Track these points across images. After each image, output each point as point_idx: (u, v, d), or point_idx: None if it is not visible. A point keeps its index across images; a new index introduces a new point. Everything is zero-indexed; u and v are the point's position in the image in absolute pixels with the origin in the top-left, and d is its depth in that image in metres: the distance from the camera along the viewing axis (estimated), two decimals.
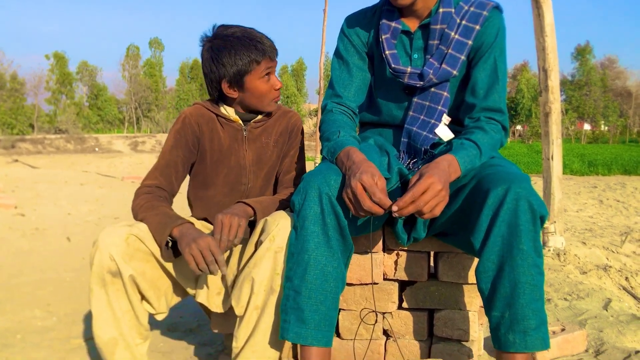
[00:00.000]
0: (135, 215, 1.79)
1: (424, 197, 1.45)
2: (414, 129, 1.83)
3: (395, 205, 1.46)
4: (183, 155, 1.92)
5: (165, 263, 1.75)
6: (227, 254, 1.91)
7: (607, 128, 57.84)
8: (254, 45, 1.82)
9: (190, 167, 1.99)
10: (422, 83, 1.78)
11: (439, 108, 1.81)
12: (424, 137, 1.80)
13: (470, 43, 1.76)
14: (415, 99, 1.85)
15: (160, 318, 1.81)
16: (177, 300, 1.88)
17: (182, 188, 1.95)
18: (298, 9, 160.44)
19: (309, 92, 69.40)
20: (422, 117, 1.84)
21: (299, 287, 1.56)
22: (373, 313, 1.83)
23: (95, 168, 17.33)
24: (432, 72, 1.76)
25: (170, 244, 1.70)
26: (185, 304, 3.03)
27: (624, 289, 3.60)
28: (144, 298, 1.74)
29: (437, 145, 1.83)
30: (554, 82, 4.43)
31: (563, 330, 2.15)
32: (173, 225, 1.66)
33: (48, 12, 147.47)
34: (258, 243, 1.69)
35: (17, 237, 5.42)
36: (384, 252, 1.87)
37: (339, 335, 1.90)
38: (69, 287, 3.59)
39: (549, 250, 4.34)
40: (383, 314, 1.87)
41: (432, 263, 1.94)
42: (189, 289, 1.86)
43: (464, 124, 1.80)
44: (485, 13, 1.75)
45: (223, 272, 1.60)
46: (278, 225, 1.65)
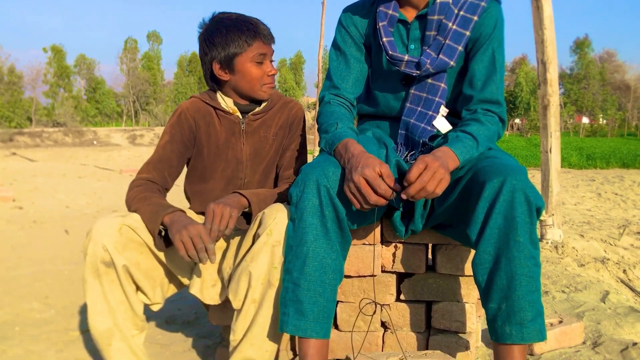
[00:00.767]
0: (129, 207, 1.79)
1: (424, 176, 1.45)
2: (412, 121, 1.83)
3: (404, 194, 1.47)
4: (178, 150, 1.91)
5: (160, 253, 1.75)
6: (224, 247, 1.90)
7: (605, 121, 57.81)
8: (246, 27, 1.82)
9: (187, 161, 1.98)
10: (418, 72, 1.77)
11: (436, 99, 1.80)
12: (422, 129, 1.80)
13: (468, 34, 1.75)
14: (412, 90, 1.84)
15: (156, 309, 1.81)
16: (172, 291, 1.88)
17: (180, 181, 1.94)
18: (297, 2, 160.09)
19: (308, 85, 69.33)
20: (419, 108, 1.83)
21: (298, 279, 1.56)
22: (372, 304, 1.83)
23: (94, 161, 17.30)
24: (429, 61, 1.75)
25: (163, 233, 1.70)
26: (183, 296, 3.03)
27: (622, 282, 3.61)
28: (139, 288, 1.74)
29: (435, 138, 1.83)
30: (553, 75, 4.42)
31: (561, 323, 2.16)
32: (164, 214, 1.66)
33: (46, 5, 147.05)
34: (255, 236, 1.68)
35: (15, 230, 5.41)
36: (382, 244, 1.87)
37: (337, 327, 1.90)
38: (67, 279, 3.59)
39: (547, 243, 4.34)
40: (381, 306, 1.87)
41: (430, 255, 1.94)
42: (184, 280, 1.86)
43: (461, 116, 1.79)
44: (484, 4, 1.74)
45: (212, 260, 1.60)
46: (275, 219, 1.64)
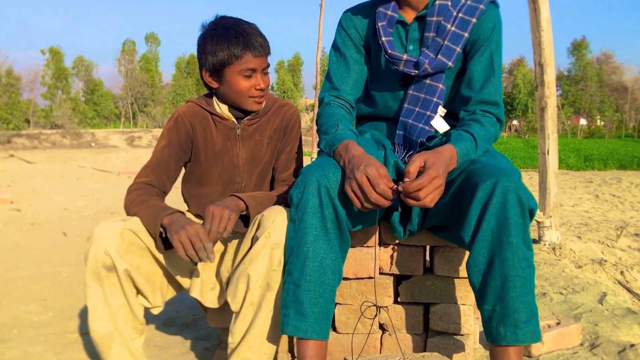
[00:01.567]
0: (128, 212, 1.79)
1: (428, 188, 1.46)
2: (410, 122, 1.84)
3: (401, 187, 1.47)
4: (175, 154, 1.92)
5: (160, 256, 1.75)
6: (222, 250, 1.90)
7: (603, 123, 57.88)
8: (237, 39, 1.78)
9: (185, 165, 1.98)
10: (417, 72, 1.78)
11: (435, 100, 1.82)
12: (420, 129, 1.81)
13: (467, 35, 1.76)
14: (411, 91, 1.85)
15: (156, 312, 1.81)
16: (172, 294, 1.88)
17: (178, 184, 1.94)
18: (295, 3, 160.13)
19: (306, 87, 69.35)
20: (417, 109, 1.84)
21: (299, 280, 1.56)
22: (373, 307, 1.83)
23: (92, 163, 17.28)
24: (427, 61, 1.77)
25: (164, 235, 1.70)
26: (182, 299, 3.03)
27: (619, 283, 3.61)
28: (139, 292, 1.74)
29: (432, 138, 1.84)
30: (550, 77, 4.43)
31: (558, 324, 2.16)
32: (163, 215, 1.66)
33: (44, 7, 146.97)
34: (254, 239, 1.68)
35: (13, 231, 5.41)
36: (380, 246, 1.87)
37: (335, 330, 1.90)
38: (65, 281, 3.59)
39: (545, 245, 4.35)
40: (379, 308, 1.87)
41: (427, 257, 1.94)
42: (184, 283, 1.86)
43: (460, 117, 1.80)
44: (482, 7, 1.76)
45: (211, 259, 1.60)
46: (274, 222, 1.64)
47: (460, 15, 1.77)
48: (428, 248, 1.91)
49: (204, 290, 1.85)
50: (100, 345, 1.69)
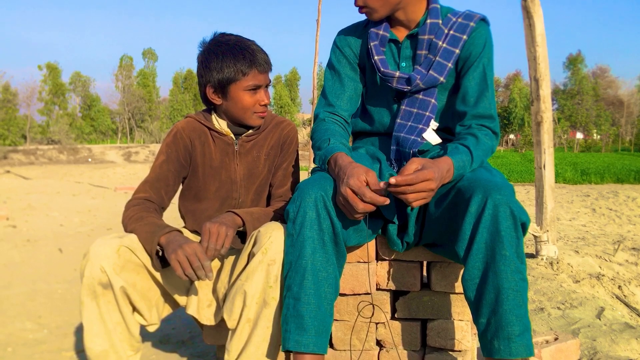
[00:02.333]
0: (125, 227, 1.78)
1: (418, 186, 1.48)
2: (402, 135, 1.86)
3: (394, 179, 1.48)
4: (174, 169, 1.92)
5: (157, 274, 1.74)
6: (218, 266, 1.90)
7: (599, 137, 58.21)
8: (243, 56, 1.81)
9: (182, 180, 1.98)
10: (409, 88, 1.82)
11: (427, 114, 1.85)
12: (412, 140, 1.83)
13: (458, 52, 1.80)
14: (403, 106, 1.88)
15: (152, 329, 1.80)
16: (168, 312, 1.87)
17: (175, 199, 1.94)
18: (292, 19, 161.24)
19: (303, 101, 69.45)
20: (409, 123, 1.87)
21: (298, 293, 1.56)
22: (370, 306, 1.82)
23: (88, 179, 17.25)
24: (419, 77, 1.80)
25: (161, 253, 1.69)
26: (178, 316, 3.01)
27: (617, 298, 3.60)
28: (135, 309, 1.73)
29: (425, 152, 1.85)
30: (545, 91, 4.46)
31: (556, 340, 2.15)
32: (161, 234, 1.65)
33: (41, 23, 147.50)
34: (250, 255, 1.67)
35: (8, 248, 5.38)
36: (377, 261, 1.87)
37: (332, 346, 1.89)
38: (61, 299, 3.56)
39: (542, 259, 4.34)
40: (376, 324, 1.87)
41: (425, 273, 1.94)
42: (180, 301, 1.85)
43: (456, 132, 1.82)
44: (472, 24, 1.80)
45: (209, 278, 1.59)
46: (271, 237, 1.64)
47: (452, 33, 1.80)
48: (425, 263, 1.90)
49: (201, 308, 1.83)
50: None
